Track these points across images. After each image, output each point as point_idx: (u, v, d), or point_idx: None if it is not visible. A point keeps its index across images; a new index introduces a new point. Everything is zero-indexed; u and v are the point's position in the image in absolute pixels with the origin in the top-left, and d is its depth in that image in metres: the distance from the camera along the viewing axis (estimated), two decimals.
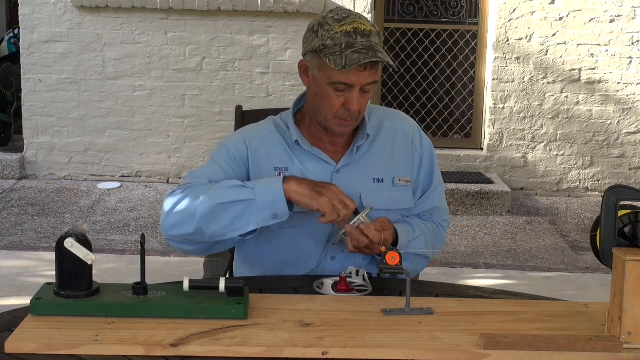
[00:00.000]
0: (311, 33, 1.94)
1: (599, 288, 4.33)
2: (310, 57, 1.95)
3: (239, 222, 1.83)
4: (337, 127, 1.97)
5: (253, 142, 2.04)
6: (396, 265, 1.72)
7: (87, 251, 1.61)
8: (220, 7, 6.00)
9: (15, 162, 6.18)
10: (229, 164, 2.00)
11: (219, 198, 1.83)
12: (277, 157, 2.02)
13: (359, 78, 1.89)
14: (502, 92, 6.16)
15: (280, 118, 2.11)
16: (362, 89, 1.92)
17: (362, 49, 1.86)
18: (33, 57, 6.13)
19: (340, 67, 1.85)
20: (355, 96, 1.91)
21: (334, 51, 1.87)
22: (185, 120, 6.21)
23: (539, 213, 5.80)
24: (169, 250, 4.71)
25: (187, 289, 1.65)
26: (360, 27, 1.88)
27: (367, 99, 1.96)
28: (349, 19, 1.90)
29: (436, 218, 2.14)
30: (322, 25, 1.91)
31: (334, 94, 1.91)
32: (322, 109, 1.95)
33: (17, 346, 1.49)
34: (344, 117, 1.94)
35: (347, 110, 1.92)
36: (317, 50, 1.90)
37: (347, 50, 1.85)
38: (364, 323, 1.63)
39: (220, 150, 2.04)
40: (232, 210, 1.83)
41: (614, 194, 1.55)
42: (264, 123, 2.12)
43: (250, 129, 2.10)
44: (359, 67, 1.86)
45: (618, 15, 6.06)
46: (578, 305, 1.77)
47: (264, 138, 2.05)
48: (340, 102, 1.92)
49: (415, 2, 6.28)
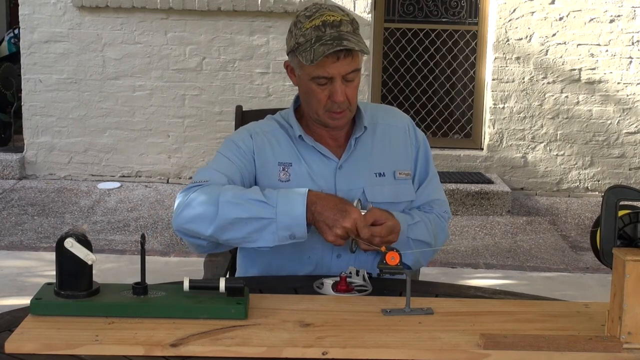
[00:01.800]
0: (289, 33, 1.97)
1: (599, 288, 4.33)
2: (291, 57, 1.98)
3: (256, 237, 1.84)
4: (330, 120, 1.98)
5: (258, 137, 2.05)
6: (396, 265, 1.72)
7: (87, 251, 1.61)
8: (220, 7, 6.00)
9: (15, 162, 6.18)
10: (240, 159, 2.00)
11: (239, 211, 1.81)
12: (281, 153, 2.03)
13: (335, 69, 1.90)
14: (502, 92, 6.16)
15: (281, 116, 2.12)
16: (344, 78, 1.92)
17: (329, 40, 1.87)
18: (33, 57, 6.13)
19: (310, 61, 1.87)
20: (338, 87, 1.91)
21: (305, 47, 1.89)
22: (185, 120, 6.21)
23: (539, 213, 5.80)
24: (169, 250, 4.71)
25: (187, 289, 1.65)
26: (328, 19, 1.90)
27: (354, 88, 1.96)
28: (317, 13, 1.92)
29: (437, 210, 2.15)
30: (295, 24, 1.95)
31: (318, 88, 1.93)
32: (312, 105, 1.98)
33: (17, 346, 1.49)
34: (333, 109, 1.95)
35: (334, 102, 1.93)
36: (293, 49, 1.94)
37: (316, 44, 1.87)
38: (364, 323, 1.63)
39: (228, 146, 2.04)
40: (251, 225, 1.82)
41: (614, 194, 1.55)
42: (265, 120, 2.13)
43: (254, 125, 2.12)
44: (332, 58, 1.87)
45: (618, 15, 6.06)
46: (578, 305, 1.77)
47: (267, 133, 2.06)
48: (325, 95, 1.94)
49: (415, 2, 6.28)
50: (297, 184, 1.99)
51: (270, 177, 2.01)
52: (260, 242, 1.84)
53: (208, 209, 1.83)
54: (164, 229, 5.15)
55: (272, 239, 1.82)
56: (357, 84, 1.97)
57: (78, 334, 1.52)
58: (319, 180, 2.02)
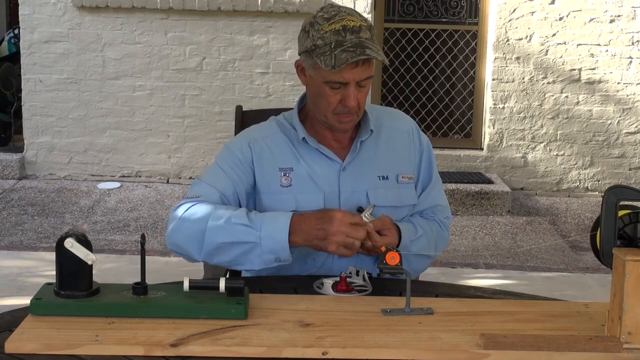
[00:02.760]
0: (303, 33, 1.95)
1: (599, 288, 4.33)
2: (304, 57, 1.96)
3: (243, 260, 1.86)
4: (337, 124, 1.98)
5: (257, 144, 2.04)
6: (396, 265, 1.72)
7: (87, 251, 1.61)
8: (220, 7, 6.00)
9: (15, 162, 6.18)
10: (235, 171, 2.00)
11: (225, 236, 1.84)
12: (281, 158, 2.03)
13: (352, 75, 1.89)
14: (502, 92, 6.16)
15: (284, 117, 2.11)
16: (358, 83, 1.92)
17: (350, 46, 1.86)
18: (33, 57, 6.13)
19: (330, 67, 1.86)
20: (352, 92, 1.91)
21: (324, 51, 1.88)
22: (185, 120, 6.21)
23: (539, 213, 5.80)
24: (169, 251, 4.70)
25: (187, 289, 1.65)
26: (348, 24, 1.88)
27: (365, 93, 1.96)
28: (337, 17, 1.90)
29: (439, 216, 2.15)
30: (312, 24, 1.92)
31: (330, 91, 1.92)
32: (321, 107, 1.97)
33: (17, 346, 1.49)
34: (343, 112, 1.95)
35: (345, 107, 1.93)
36: (309, 50, 1.92)
37: (337, 49, 1.86)
38: (364, 323, 1.63)
39: (226, 155, 2.04)
40: (237, 249, 1.85)
41: (614, 194, 1.55)
42: (267, 123, 2.12)
43: (254, 130, 2.10)
44: (350, 65, 1.87)
45: (618, 15, 6.06)
46: (578, 305, 1.77)
47: (267, 139, 2.05)
48: (337, 99, 1.93)
49: (415, 2, 6.28)
50: (298, 189, 1.99)
51: (272, 183, 2.01)
52: (248, 265, 1.87)
53: (197, 236, 1.86)
54: (163, 229, 5.15)
55: (258, 262, 1.85)
56: (368, 89, 1.97)
57: (78, 334, 1.52)
58: (321, 183, 2.01)
